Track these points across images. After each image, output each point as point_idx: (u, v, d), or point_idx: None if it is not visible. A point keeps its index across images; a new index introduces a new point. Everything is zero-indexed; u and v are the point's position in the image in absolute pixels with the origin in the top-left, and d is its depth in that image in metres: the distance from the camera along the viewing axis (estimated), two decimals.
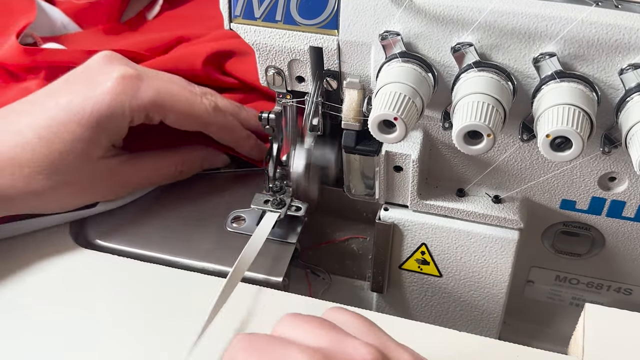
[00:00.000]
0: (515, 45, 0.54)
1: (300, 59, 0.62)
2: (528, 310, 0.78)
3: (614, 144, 0.56)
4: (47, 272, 0.67)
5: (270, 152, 0.72)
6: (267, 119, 0.69)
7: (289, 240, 0.71)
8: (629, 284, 0.72)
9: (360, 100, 0.60)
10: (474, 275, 0.69)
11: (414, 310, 0.74)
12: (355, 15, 0.57)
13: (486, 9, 0.53)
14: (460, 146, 0.52)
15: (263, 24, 0.61)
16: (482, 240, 0.66)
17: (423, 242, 0.68)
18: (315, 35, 0.60)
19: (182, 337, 0.60)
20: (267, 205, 0.71)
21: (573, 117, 0.49)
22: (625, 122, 0.52)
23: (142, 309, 0.64)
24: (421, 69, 0.55)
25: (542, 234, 0.69)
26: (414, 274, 0.71)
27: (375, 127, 0.53)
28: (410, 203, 0.66)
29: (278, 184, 0.72)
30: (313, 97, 0.64)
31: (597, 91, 0.53)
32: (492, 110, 0.51)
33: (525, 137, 0.58)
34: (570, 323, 0.63)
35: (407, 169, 0.64)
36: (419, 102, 0.53)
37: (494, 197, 0.65)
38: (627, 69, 0.52)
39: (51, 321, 0.63)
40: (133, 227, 0.73)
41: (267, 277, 0.67)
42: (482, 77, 0.54)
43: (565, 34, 0.52)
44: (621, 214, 0.64)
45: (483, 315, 0.72)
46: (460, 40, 0.55)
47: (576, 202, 0.65)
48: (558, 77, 0.52)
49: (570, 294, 0.75)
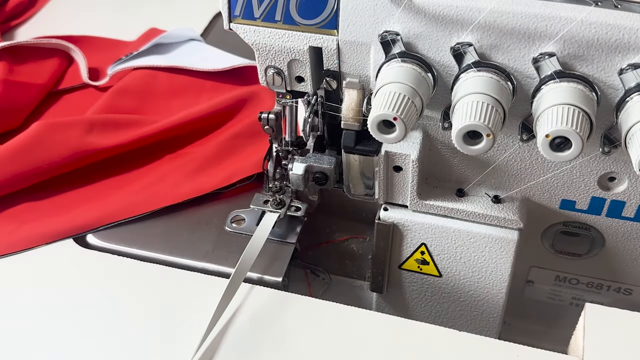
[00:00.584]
0: (514, 45, 0.54)
1: (299, 59, 0.62)
2: (528, 310, 0.78)
3: (614, 144, 0.56)
4: (47, 272, 0.67)
5: (270, 152, 0.72)
6: (266, 119, 0.69)
7: (289, 240, 0.71)
8: (629, 284, 0.72)
9: (360, 100, 0.60)
10: (474, 275, 0.69)
11: (413, 310, 0.74)
12: (355, 15, 0.57)
13: (486, 9, 0.53)
14: (459, 146, 0.52)
15: (263, 24, 0.61)
16: (482, 240, 0.66)
17: (423, 242, 0.68)
18: (314, 35, 0.60)
19: (182, 336, 0.60)
20: (266, 206, 0.71)
21: (573, 117, 0.49)
22: (624, 122, 0.52)
23: (142, 309, 0.64)
24: (421, 69, 0.55)
25: (541, 234, 0.69)
26: (414, 274, 0.71)
27: (374, 127, 0.53)
28: (410, 203, 0.66)
29: (277, 184, 0.72)
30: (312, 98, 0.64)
31: (597, 91, 0.53)
32: (492, 110, 0.51)
33: (524, 137, 0.58)
34: (570, 323, 0.63)
35: (407, 169, 0.64)
36: (418, 102, 0.53)
37: (494, 197, 0.65)
38: (627, 69, 0.52)
39: (51, 321, 0.63)
40: (133, 227, 0.73)
41: (267, 277, 0.67)
42: (482, 77, 0.54)
43: (565, 34, 0.52)
44: (621, 214, 0.64)
45: (483, 315, 0.72)
46: (460, 40, 0.55)
47: (576, 202, 0.65)
48: (558, 77, 0.52)
49: (570, 294, 0.75)
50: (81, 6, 1.13)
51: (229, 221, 0.73)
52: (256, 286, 0.65)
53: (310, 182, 0.69)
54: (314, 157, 0.69)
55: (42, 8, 1.13)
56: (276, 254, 0.69)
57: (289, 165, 0.69)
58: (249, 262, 0.65)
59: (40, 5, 1.14)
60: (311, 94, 0.64)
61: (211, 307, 0.60)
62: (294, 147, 0.71)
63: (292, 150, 0.71)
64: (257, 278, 0.67)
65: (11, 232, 0.72)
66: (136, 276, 0.67)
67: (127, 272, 0.67)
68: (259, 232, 0.68)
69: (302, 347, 0.60)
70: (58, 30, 1.03)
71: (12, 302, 0.65)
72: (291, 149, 0.71)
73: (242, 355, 0.59)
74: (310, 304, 0.64)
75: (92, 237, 0.72)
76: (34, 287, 0.66)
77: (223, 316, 0.61)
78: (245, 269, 0.64)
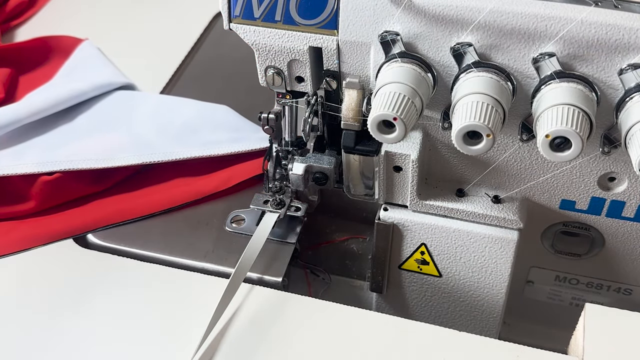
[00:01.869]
0: (514, 45, 0.54)
1: (299, 59, 0.62)
2: (528, 310, 0.78)
3: (614, 144, 0.56)
4: (47, 272, 0.67)
5: (270, 152, 0.72)
6: (266, 119, 0.69)
7: (289, 240, 0.71)
8: (629, 284, 0.72)
9: (360, 100, 0.60)
10: (474, 275, 0.69)
11: (413, 310, 0.74)
12: (355, 15, 0.57)
13: (485, 9, 0.53)
14: (459, 146, 0.52)
15: (262, 24, 0.61)
16: (482, 241, 0.66)
17: (423, 242, 0.68)
18: (314, 35, 0.60)
19: (182, 336, 0.60)
20: (266, 206, 0.71)
21: (572, 117, 0.49)
22: (624, 122, 0.52)
23: (142, 309, 0.64)
24: (420, 69, 0.55)
25: (541, 234, 0.69)
26: (414, 274, 0.71)
27: (374, 127, 0.53)
28: (410, 203, 0.66)
29: (277, 184, 0.72)
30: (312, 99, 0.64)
31: (597, 91, 0.53)
32: (492, 110, 0.51)
33: (524, 137, 0.58)
34: (570, 323, 0.63)
35: (407, 169, 0.64)
36: (418, 102, 0.53)
37: (494, 197, 0.65)
38: (627, 69, 0.52)
39: (51, 321, 0.63)
40: (133, 227, 0.73)
41: (267, 277, 0.67)
42: (482, 77, 0.54)
43: (565, 34, 0.52)
44: (621, 214, 0.64)
45: (483, 315, 0.72)
46: (460, 40, 0.55)
47: (576, 202, 0.65)
48: (557, 77, 0.52)
49: (570, 294, 0.75)
50: (81, 6, 1.13)
51: (229, 221, 0.73)
52: (256, 286, 0.65)
53: (310, 182, 0.69)
54: (314, 157, 0.69)
55: (42, 8, 1.13)
56: (276, 254, 0.69)
57: (289, 165, 0.69)
58: (249, 262, 0.65)
59: (40, 5, 1.14)
60: (311, 94, 0.64)
61: (211, 307, 0.60)
62: (294, 147, 0.71)
63: (292, 150, 0.71)
64: (257, 278, 0.67)
65: (8, 231, 0.72)
66: (136, 276, 0.67)
67: (126, 272, 0.67)
68: (259, 232, 0.68)
69: (302, 347, 0.60)
70: (58, 30, 1.02)
71: (12, 302, 0.65)
72: (291, 149, 0.71)
73: (242, 355, 0.59)
74: (310, 304, 0.64)
75: (92, 237, 0.72)
76: (33, 287, 0.66)
77: (223, 316, 0.61)
78: (245, 269, 0.64)
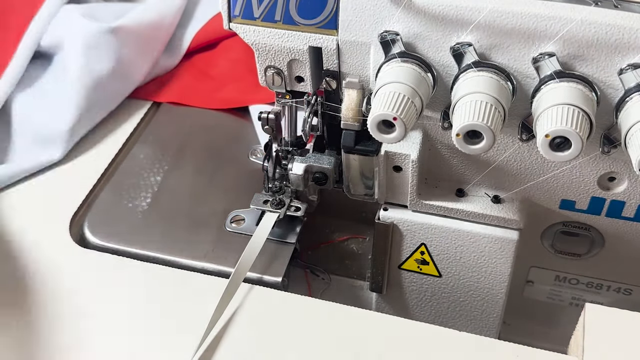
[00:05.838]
0: (514, 45, 0.54)
1: (299, 59, 0.62)
2: (528, 310, 0.78)
3: (614, 144, 0.56)
4: (47, 272, 0.67)
5: (270, 152, 0.72)
6: (266, 119, 0.69)
7: (289, 240, 0.71)
8: (629, 284, 0.72)
9: (360, 100, 0.60)
10: (474, 275, 0.68)
11: (413, 310, 0.74)
12: (355, 15, 0.57)
13: (485, 9, 0.53)
14: (459, 146, 0.52)
15: (262, 23, 0.61)
16: (482, 241, 0.66)
17: (422, 242, 0.68)
18: (314, 35, 0.60)
19: (182, 336, 0.60)
20: (266, 206, 0.71)
21: (572, 117, 0.49)
22: (624, 122, 0.52)
23: (142, 308, 0.64)
24: (420, 69, 0.55)
25: (541, 234, 0.69)
26: (414, 274, 0.71)
27: (374, 127, 0.53)
28: (410, 203, 0.66)
29: (277, 184, 0.72)
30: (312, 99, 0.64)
31: (597, 91, 0.53)
32: (492, 110, 0.51)
33: (524, 137, 0.58)
34: (570, 323, 0.63)
35: (407, 169, 0.64)
36: (418, 102, 0.53)
37: (494, 197, 0.65)
38: (627, 69, 0.52)
39: (51, 321, 0.63)
40: (133, 227, 0.73)
41: (267, 277, 0.67)
42: (482, 77, 0.54)
43: (565, 33, 0.52)
44: (621, 214, 0.64)
45: (483, 315, 0.72)
46: (460, 40, 0.55)
47: (576, 202, 0.65)
48: (557, 77, 0.52)
49: (570, 294, 0.75)
50: None
51: (229, 221, 0.73)
52: (256, 286, 0.65)
53: (310, 182, 0.69)
54: (313, 157, 0.69)
55: None
56: (276, 254, 0.69)
57: (288, 165, 0.69)
58: (249, 262, 0.65)
59: None
60: (311, 94, 0.64)
61: (211, 307, 0.60)
62: (294, 147, 0.71)
63: (292, 150, 0.71)
64: (257, 278, 0.67)
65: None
66: (136, 276, 0.67)
67: (126, 272, 0.67)
68: (259, 232, 0.68)
69: (302, 347, 0.60)
70: None
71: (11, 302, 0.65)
72: (291, 149, 0.71)
73: (242, 355, 0.59)
74: (310, 304, 0.64)
75: (92, 237, 0.72)
76: (34, 287, 0.66)
77: (223, 316, 0.61)
78: (245, 269, 0.64)
